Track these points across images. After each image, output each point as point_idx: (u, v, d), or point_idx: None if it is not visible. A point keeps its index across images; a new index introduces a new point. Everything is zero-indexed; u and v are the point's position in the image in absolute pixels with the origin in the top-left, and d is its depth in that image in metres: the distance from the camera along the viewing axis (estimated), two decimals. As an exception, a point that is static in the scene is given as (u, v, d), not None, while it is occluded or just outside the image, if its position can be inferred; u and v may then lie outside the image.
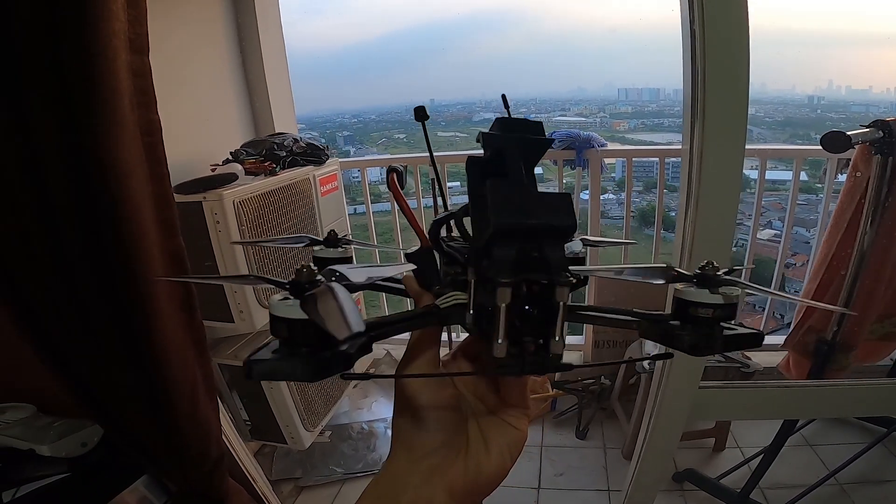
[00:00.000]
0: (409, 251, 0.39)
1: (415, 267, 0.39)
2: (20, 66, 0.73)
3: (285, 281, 0.28)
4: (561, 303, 0.29)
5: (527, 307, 0.30)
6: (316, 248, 0.47)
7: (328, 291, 0.25)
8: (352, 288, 0.28)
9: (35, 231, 0.81)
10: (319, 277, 0.28)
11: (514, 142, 0.33)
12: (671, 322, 0.31)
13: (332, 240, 0.47)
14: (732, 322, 0.30)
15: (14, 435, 1.15)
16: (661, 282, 0.33)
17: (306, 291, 0.26)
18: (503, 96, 0.40)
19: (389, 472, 0.37)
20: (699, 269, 0.31)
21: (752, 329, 0.30)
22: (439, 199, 0.45)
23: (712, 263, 0.31)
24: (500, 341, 0.29)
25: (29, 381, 1.16)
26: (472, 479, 0.36)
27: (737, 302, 0.30)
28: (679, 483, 1.86)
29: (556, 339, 0.30)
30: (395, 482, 0.36)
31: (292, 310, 0.25)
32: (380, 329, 0.31)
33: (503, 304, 0.28)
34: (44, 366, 0.95)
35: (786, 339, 1.78)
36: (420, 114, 0.38)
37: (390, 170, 0.41)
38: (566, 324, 0.30)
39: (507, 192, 0.30)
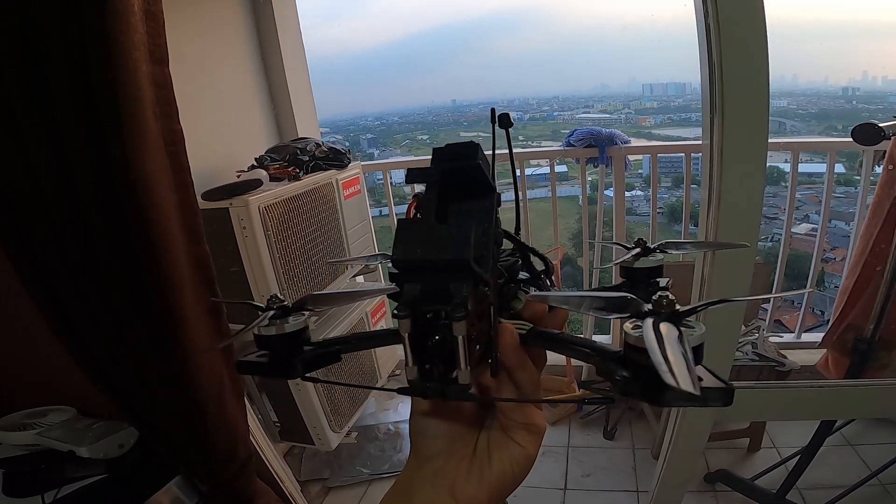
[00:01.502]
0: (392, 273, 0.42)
1: (383, 288, 0.39)
2: (48, 80, 0.76)
3: (261, 305, 0.38)
4: (459, 336, 0.30)
5: (436, 336, 0.31)
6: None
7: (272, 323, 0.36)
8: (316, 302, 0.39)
9: (68, 239, 0.85)
10: (285, 303, 0.38)
11: (430, 175, 0.34)
12: (622, 363, 0.29)
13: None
14: (705, 367, 0.27)
15: (55, 437, 1.19)
16: (619, 316, 0.29)
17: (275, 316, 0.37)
18: (492, 110, 0.40)
19: (404, 474, 0.40)
20: (652, 302, 0.28)
21: (721, 383, 0.26)
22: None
23: (667, 298, 0.27)
24: (409, 366, 0.32)
25: (69, 385, 1.21)
26: (475, 486, 0.38)
27: (699, 344, 0.26)
28: (711, 484, 1.82)
29: (463, 368, 0.30)
30: (405, 485, 0.40)
31: (268, 329, 0.36)
32: (348, 344, 0.40)
33: (405, 334, 0.31)
34: (82, 369, 0.99)
35: (823, 338, 1.73)
36: (504, 121, 0.39)
37: (415, 196, 0.43)
38: (472, 353, 0.31)
39: (412, 229, 0.33)
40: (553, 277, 0.42)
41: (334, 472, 2.00)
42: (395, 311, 0.31)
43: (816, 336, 2.38)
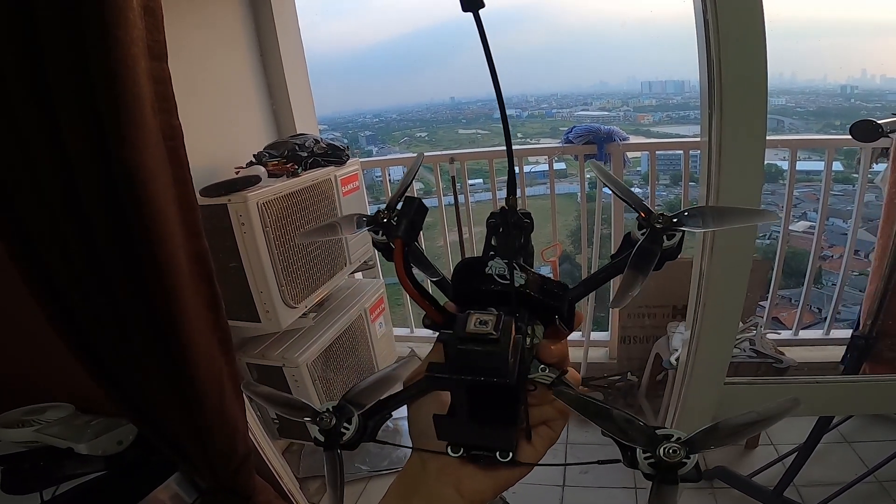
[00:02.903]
0: (440, 337, 0.41)
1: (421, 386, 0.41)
2: (48, 75, 0.76)
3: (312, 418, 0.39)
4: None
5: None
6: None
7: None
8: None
9: (68, 235, 0.85)
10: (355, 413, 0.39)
11: (458, 386, 0.35)
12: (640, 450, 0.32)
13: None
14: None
15: (54, 434, 1.19)
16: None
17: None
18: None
19: (405, 472, 0.41)
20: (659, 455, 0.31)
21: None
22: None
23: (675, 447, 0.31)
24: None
25: (67, 382, 1.21)
26: (481, 481, 0.39)
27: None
28: (709, 481, 1.82)
29: None
30: (410, 481, 0.40)
31: (315, 429, 0.39)
32: (380, 412, 0.40)
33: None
34: (81, 365, 0.99)
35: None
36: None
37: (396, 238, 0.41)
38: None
39: (449, 425, 0.37)
40: (565, 323, 0.41)
41: (333, 469, 2.00)
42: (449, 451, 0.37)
43: (814, 333, 2.39)
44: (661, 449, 0.30)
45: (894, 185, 1.45)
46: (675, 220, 0.36)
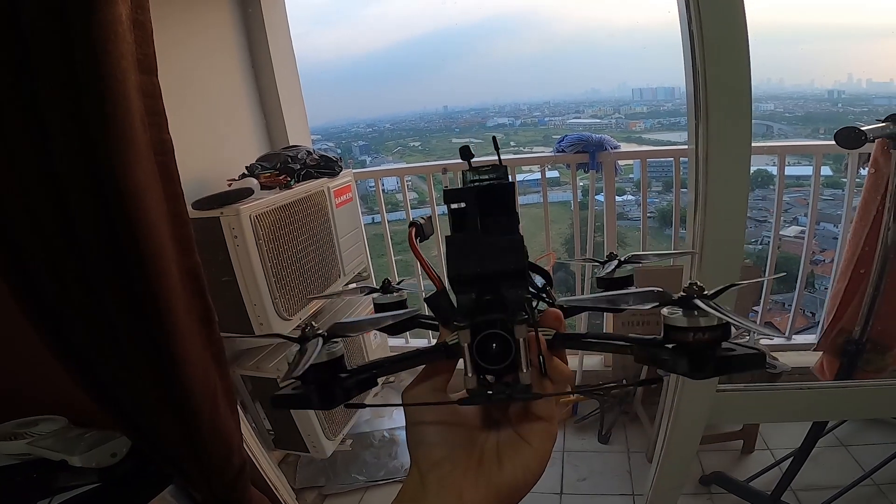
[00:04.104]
0: (427, 296, 0.44)
1: (405, 312, 0.43)
2: (37, 90, 0.76)
3: (295, 337, 0.36)
4: (520, 339, 0.32)
5: (493, 344, 0.33)
6: (374, 295, 0.51)
7: (301, 350, 0.34)
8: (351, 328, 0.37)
9: (59, 250, 0.85)
10: (321, 332, 0.36)
11: (470, 193, 0.38)
12: (664, 346, 0.31)
13: (387, 287, 0.52)
14: (735, 340, 0.29)
15: (47, 446, 1.18)
16: (655, 304, 0.32)
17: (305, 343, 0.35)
18: (494, 139, 0.43)
19: (403, 490, 0.39)
20: (683, 290, 0.31)
21: (753, 349, 0.29)
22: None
23: (696, 284, 0.30)
24: (469, 375, 0.33)
25: (61, 395, 1.20)
26: (484, 493, 0.37)
27: (727, 323, 0.29)
28: (706, 486, 1.83)
29: (524, 370, 0.33)
30: (410, 495, 0.38)
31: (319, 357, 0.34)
32: (384, 367, 0.38)
33: (465, 344, 0.33)
34: (74, 379, 0.98)
35: (819, 341, 1.74)
36: (465, 154, 0.40)
37: (411, 224, 0.48)
38: (539, 353, 0.34)
39: (461, 244, 0.36)
40: (552, 291, 0.43)
41: (329, 480, 2.00)
42: (456, 323, 0.33)
43: (807, 338, 2.40)
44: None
45: (869, 190, 1.47)
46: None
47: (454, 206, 0.39)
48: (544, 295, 0.42)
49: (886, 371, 1.52)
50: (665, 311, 0.31)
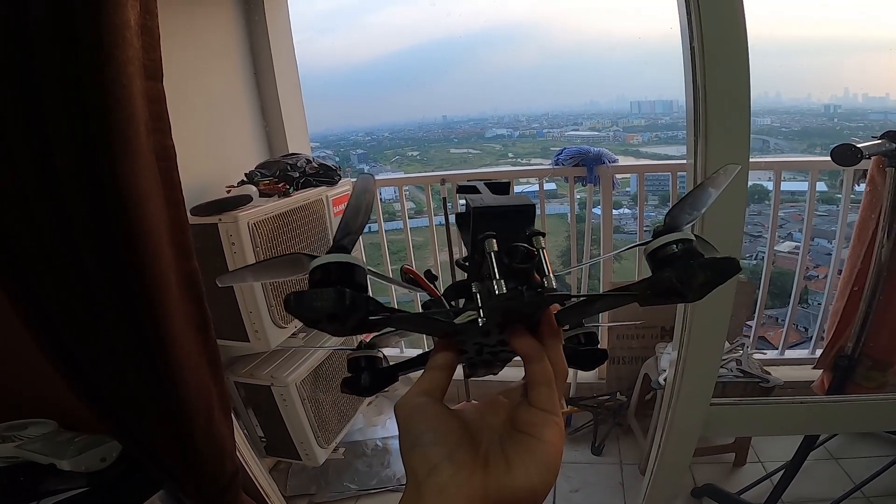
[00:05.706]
0: (423, 302, 0.48)
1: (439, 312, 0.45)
2: (41, 93, 0.76)
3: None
4: (541, 249, 0.36)
5: (516, 244, 0.35)
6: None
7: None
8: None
9: (57, 253, 0.84)
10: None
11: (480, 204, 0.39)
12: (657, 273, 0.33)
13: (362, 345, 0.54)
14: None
15: (35, 450, 1.17)
16: (634, 295, 0.34)
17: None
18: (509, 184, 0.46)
19: (403, 501, 0.34)
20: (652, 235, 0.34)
21: (725, 256, 0.31)
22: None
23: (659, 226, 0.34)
24: (497, 278, 0.35)
25: (51, 398, 1.19)
26: (496, 499, 0.33)
27: (697, 236, 0.33)
28: (698, 499, 1.83)
29: (548, 273, 0.36)
30: None
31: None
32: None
33: (492, 251, 0.35)
34: (65, 382, 0.98)
35: (819, 359, 1.74)
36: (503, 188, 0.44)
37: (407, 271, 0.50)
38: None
39: (480, 196, 0.40)
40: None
41: (321, 488, 1.98)
42: (482, 236, 0.36)
43: (800, 353, 2.41)
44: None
45: (866, 208, 1.48)
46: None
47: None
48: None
49: (887, 387, 1.53)
50: (656, 244, 0.33)
